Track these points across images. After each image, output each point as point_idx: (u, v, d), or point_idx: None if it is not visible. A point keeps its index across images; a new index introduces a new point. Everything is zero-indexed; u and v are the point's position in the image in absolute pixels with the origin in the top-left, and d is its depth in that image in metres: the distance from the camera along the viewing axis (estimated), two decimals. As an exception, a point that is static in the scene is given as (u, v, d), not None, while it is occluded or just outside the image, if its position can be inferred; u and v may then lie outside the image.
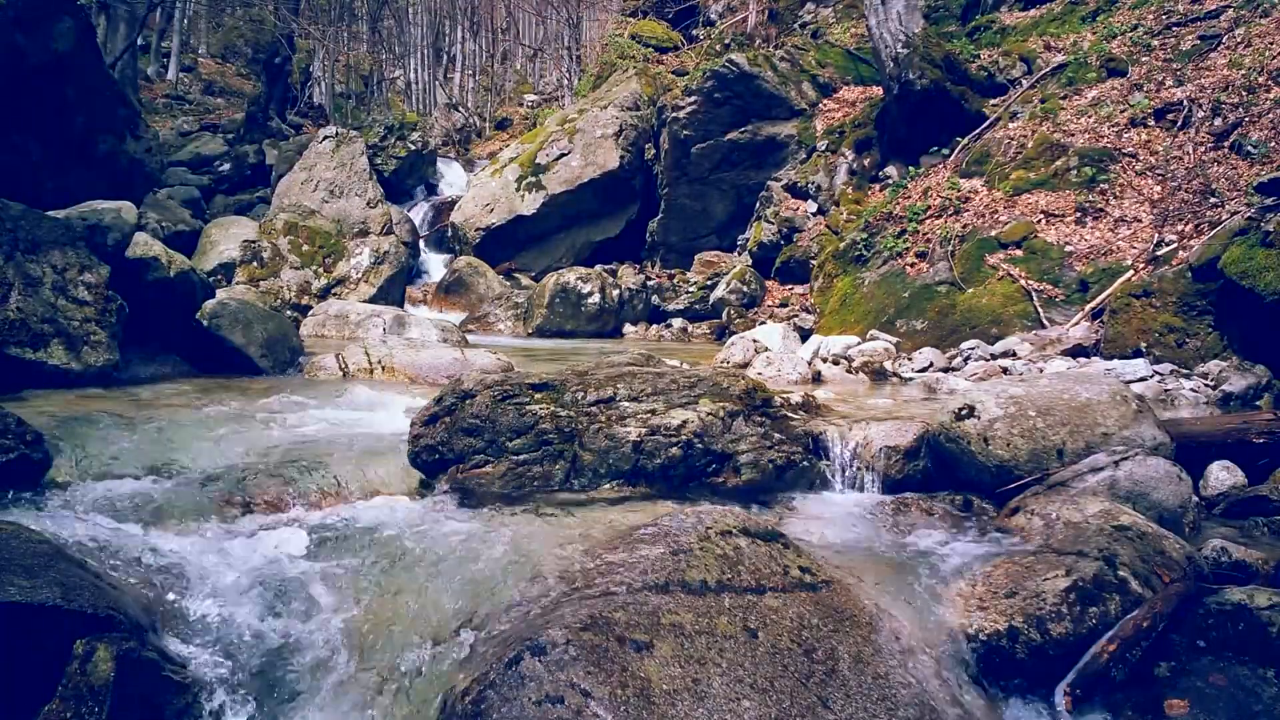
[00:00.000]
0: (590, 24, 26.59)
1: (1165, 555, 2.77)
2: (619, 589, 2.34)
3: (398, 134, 18.81)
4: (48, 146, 9.01)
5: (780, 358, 6.68)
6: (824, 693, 2.14)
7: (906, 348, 7.73)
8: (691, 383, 3.88)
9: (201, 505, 3.22)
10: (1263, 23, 9.36)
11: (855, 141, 12.23)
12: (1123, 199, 8.43)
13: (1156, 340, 6.45)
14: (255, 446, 3.87)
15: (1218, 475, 3.70)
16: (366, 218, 13.48)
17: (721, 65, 13.57)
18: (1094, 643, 2.46)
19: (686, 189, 14.08)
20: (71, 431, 3.81)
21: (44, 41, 8.63)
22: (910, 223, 9.58)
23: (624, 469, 3.50)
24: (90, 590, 2.16)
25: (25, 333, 4.74)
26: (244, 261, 11.62)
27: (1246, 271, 5.83)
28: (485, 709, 1.95)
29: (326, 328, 9.18)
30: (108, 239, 5.38)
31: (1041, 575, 2.65)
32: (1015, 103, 10.64)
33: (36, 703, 1.93)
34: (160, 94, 23.50)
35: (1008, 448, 3.48)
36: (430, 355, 6.31)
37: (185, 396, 4.90)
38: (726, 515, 2.72)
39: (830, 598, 2.47)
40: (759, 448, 3.66)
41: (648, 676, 2.04)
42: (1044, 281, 7.94)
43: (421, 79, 29.79)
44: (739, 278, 12.09)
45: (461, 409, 3.65)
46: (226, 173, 18.23)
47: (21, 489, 3.17)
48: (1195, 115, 8.74)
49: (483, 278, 13.38)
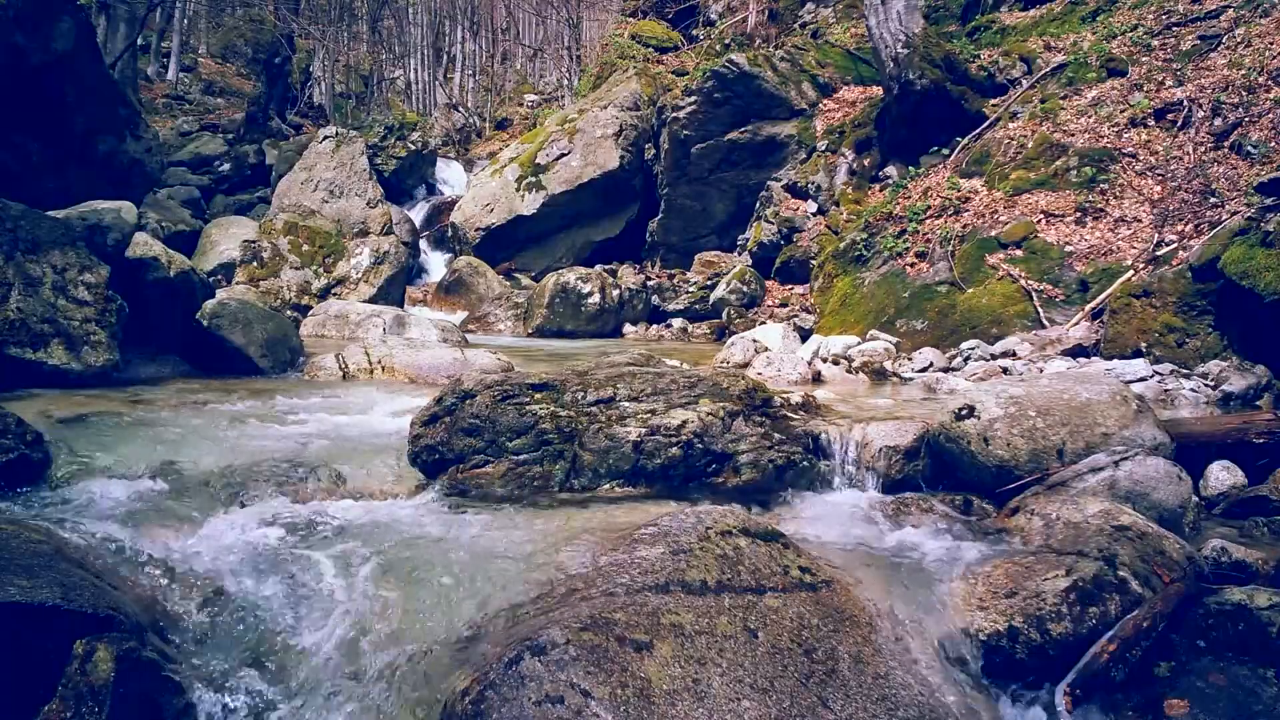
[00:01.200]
0: (590, 24, 26.59)
1: (1165, 555, 2.77)
2: (619, 589, 2.34)
3: (398, 134, 18.81)
4: (48, 146, 9.01)
5: (780, 358, 6.69)
6: (824, 693, 2.14)
7: (906, 348, 7.73)
8: (691, 383, 3.88)
9: (202, 505, 3.21)
10: (1263, 23, 9.36)
11: (855, 141, 12.23)
12: (1123, 199, 8.43)
13: (1156, 340, 6.45)
14: (255, 446, 3.87)
15: (1218, 475, 3.70)
16: (366, 218, 13.48)
17: (721, 65, 13.57)
18: (1094, 643, 2.46)
19: (686, 189, 14.08)
20: (72, 431, 3.81)
21: (44, 41, 8.62)
22: (910, 223, 9.58)
23: (624, 469, 3.50)
24: (90, 590, 2.16)
25: (25, 333, 4.74)
26: (244, 261, 11.62)
27: (1246, 271, 5.83)
28: (485, 709, 1.95)
29: (326, 328, 9.18)
30: (108, 239, 5.38)
31: (1041, 575, 2.65)
32: (1015, 103, 10.64)
33: (36, 703, 1.93)
34: (160, 94, 23.50)
35: (1008, 448, 3.48)
36: (430, 355, 6.31)
37: (185, 396, 4.90)
38: (726, 515, 2.72)
39: (830, 598, 2.47)
40: (759, 448, 3.66)
41: (648, 676, 2.04)
42: (1044, 281, 7.94)
43: (421, 79, 29.79)
44: (739, 278, 12.09)
45: (461, 409, 3.65)
46: (226, 173, 18.24)
47: (22, 489, 3.17)
48: (1195, 115, 8.74)
49: (483, 278, 13.38)
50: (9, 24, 8.15)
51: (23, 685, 1.97)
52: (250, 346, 6.11)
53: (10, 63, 8.27)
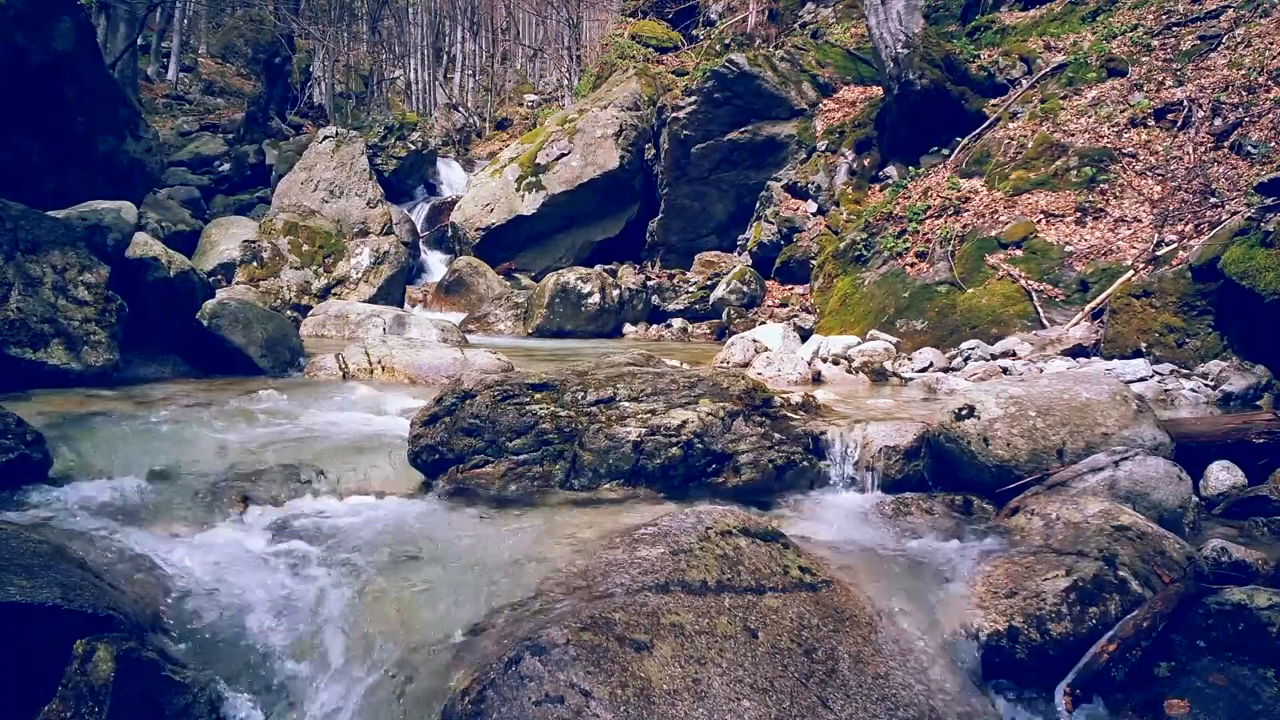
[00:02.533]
0: (590, 24, 26.60)
1: (1165, 555, 2.77)
2: (619, 589, 2.34)
3: (398, 134, 18.82)
4: (48, 146, 9.01)
5: (780, 358, 6.68)
6: (824, 693, 2.14)
7: (906, 348, 7.73)
8: (691, 383, 3.88)
9: (202, 505, 3.22)
10: (1263, 23, 9.36)
11: (855, 141, 12.23)
12: (1123, 199, 8.43)
13: (1156, 340, 6.45)
14: (255, 446, 3.87)
15: (1218, 475, 3.70)
16: (366, 218, 13.48)
17: (721, 65, 13.57)
18: (1094, 643, 2.46)
19: (686, 189, 14.08)
20: (72, 431, 3.82)
21: (44, 41, 8.62)
22: (910, 223, 9.58)
23: (624, 469, 3.50)
24: (90, 590, 2.16)
25: (25, 333, 4.74)
26: (244, 261, 11.62)
27: (1246, 271, 5.83)
28: (485, 709, 1.95)
29: (326, 328, 9.18)
30: (108, 239, 5.38)
31: (1041, 575, 2.65)
32: (1015, 103, 10.64)
33: (36, 703, 1.93)
34: (160, 94, 23.50)
35: (1008, 448, 3.48)
36: (430, 355, 6.31)
37: (185, 396, 4.90)
38: (726, 515, 2.72)
39: (830, 598, 2.47)
40: (759, 448, 3.65)
41: (648, 676, 2.04)
42: (1044, 281, 7.94)
43: (421, 79, 29.79)
44: (739, 278, 12.09)
45: (461, 409, 3.65)
46: (226, 173, 18.24)
47: (22, 489, 3.17)
48: (1195, 115, 8.74)
49: (483, 278, 13.38)
50: (9, 24, 8.16)
51: (23, 685, 1.97)
52: (250, 346, 6.11)
53: (10, 63, 8.28)
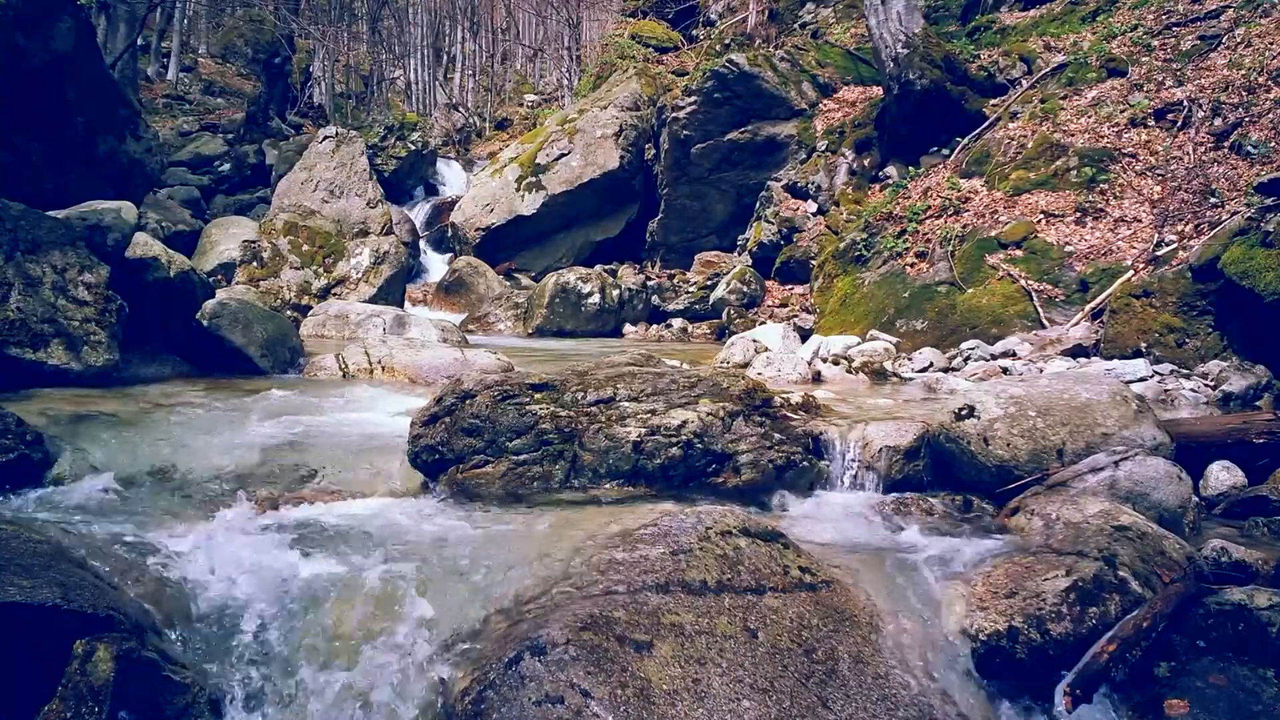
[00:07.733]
0: (590, 24, 26.61)
1: (1165, 555, 2.77)
2: (619, 589, 2.34)
3: (398, 134, 18.82)
4: (48, 146, 9.01)
5: (780, 358, 6.68)
6: (824, 693, 2.14)
7: (906, 348, 7.73)
8: (691, 383, 3.88)
9: (201, 504, 3.22)
10: (1263, 23, 9.36)
11: (855, 141, 12.23)
12: (1123, 199, 8.43)
13: (1156, 340, 6.44)
14: (255, 446, 3.87)
15: (1218, 475, 3.70)
16: (366, 218, 13.47)
17: (721, 65, 13.57)
18: (1094, 643, 2.46)
19: (686, 189, 14.08)
20: (71, 431, 3.82)
21: (44, 41, 8.62)
22: (910, 223, 9.58)
23: (624, 469, 3.50)
24: (90, 590, 2.16)
25: (25, 333, 4.74)
26: (244, 261, 11.61)
27: (1246, 271, 5.83)
28: (485, 708, 1.95)
29: (326, 328, 9.17)
30: (108, 239, 5.38)
31: (1041, 575, 2.65)
32: (1015, 103, 10.63)
33: (36, 703, 1.93)
34: (160, 94, 23.48)
35: (1008, 448, 3.48)
36: (430, 355, 6.31)
37: (185, 396, 4.90)
38: (726, 515, 2.72)
39: (830, 598, 2.47)
40: (759, 448, 3.65)
41: (648, 676, 2.04)
42: (1044, 281, 7.93)
43: (421, 79, 29.78)
44: (739, 278, 12.09)
45: (461, 409, 3.65)
46: (226, 173, 18.23)
47: (22, 489, 3.17)
48: (1195, 115, 8.74)
49: (483, 278, 13.38)
50: (9, 24, 8.16)
51: (23, 685, 1.97)
52: (250, 346, 6.11)
53: (11, 63, 8.27)
